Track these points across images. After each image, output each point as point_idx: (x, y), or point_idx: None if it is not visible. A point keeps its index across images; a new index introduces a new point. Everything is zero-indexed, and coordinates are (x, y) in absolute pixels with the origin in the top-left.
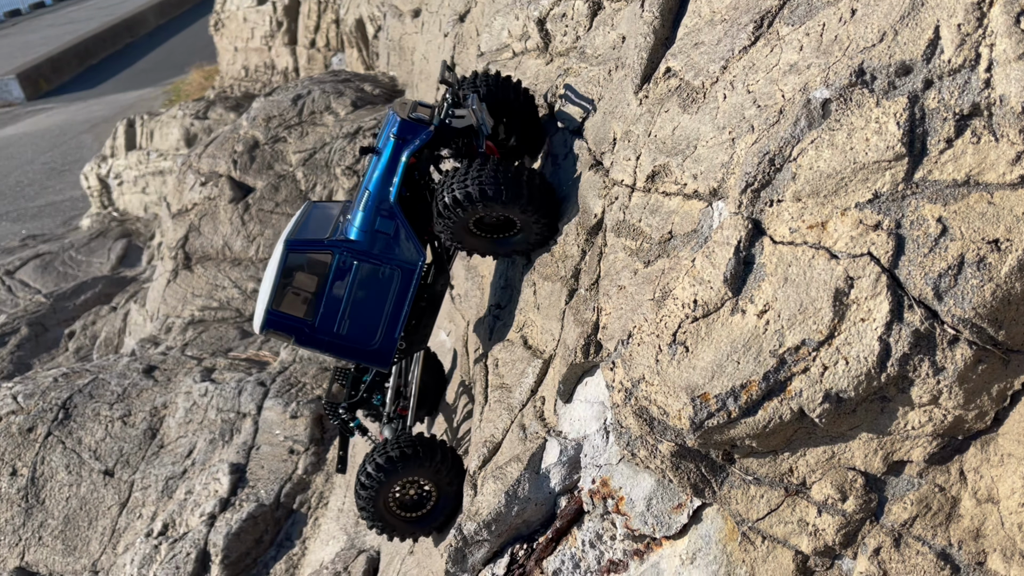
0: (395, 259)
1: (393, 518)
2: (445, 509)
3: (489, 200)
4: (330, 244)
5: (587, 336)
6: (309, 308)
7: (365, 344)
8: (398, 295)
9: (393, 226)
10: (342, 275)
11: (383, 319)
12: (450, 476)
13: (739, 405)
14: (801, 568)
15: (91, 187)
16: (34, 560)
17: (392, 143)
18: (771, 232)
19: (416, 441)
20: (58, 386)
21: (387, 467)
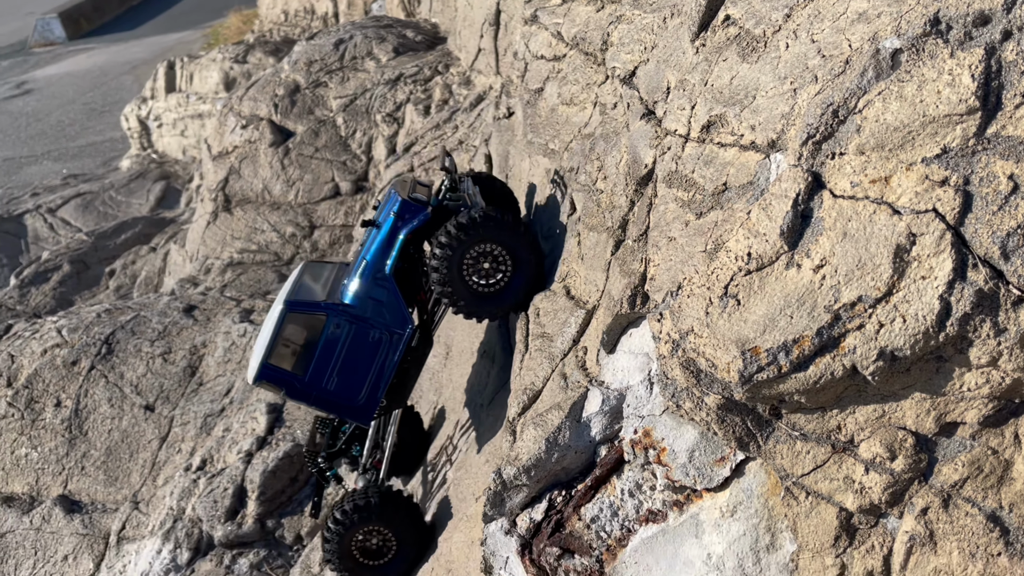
0: (386, 324)
1: (355, 564)
2: (406, 559)
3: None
4: (326, 307)
5: (634, 287)
6: (301, 364)
7: (350, 401)
8: (386, 357)
9: (386, 294)
10: (335, 336)
11: (369, 378)
12: (411, 529)
13: (790, 360)
14: (844, 525)
15: (131, 128)
16: (77, 489)
17: (392, 220)
18: (831, 186)
19: (380, 493)
20: (101, 321)
21: (352, 516)
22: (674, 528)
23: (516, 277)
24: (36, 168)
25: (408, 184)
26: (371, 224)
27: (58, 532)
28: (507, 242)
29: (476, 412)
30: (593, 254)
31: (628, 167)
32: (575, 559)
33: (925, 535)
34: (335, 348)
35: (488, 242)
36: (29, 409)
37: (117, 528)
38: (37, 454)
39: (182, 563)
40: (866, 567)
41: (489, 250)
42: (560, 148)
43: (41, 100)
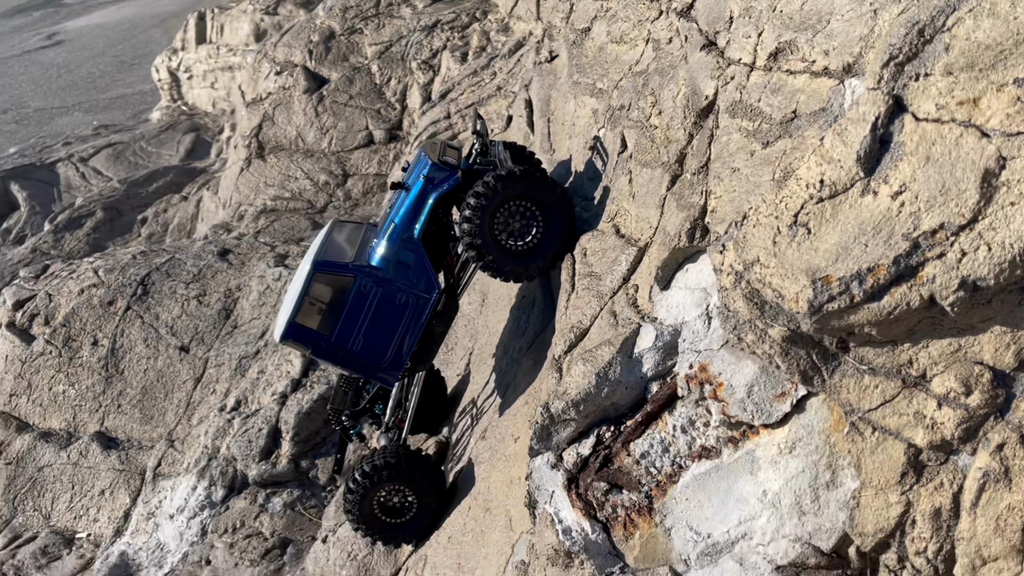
0: (412, 288)
1: (376, 522)
2: (424, 519)
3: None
4: (354, 268)
5: (692, 220)
6: (327, 324)
7: (375, 362)
8: (412, 320)
9: (414, 258)
10: (362, 297)
11: (395, 340)
12: (431, 489)
13: (864, 289)
14: (912, 462)
15: (161, 80)
16: (113, 426)
17: (421, 183)
18: (914, 108)
19: (403, 453)
20: (136, 263)
21: (372, 475)
22: (728, 465)
23: (547, 234)
24: (67, 119)
25: (439, 147)
26: (400, 187)
27: (95, 467)
28: (538, 198)
29: (514, 356)
30: (646, 191)
31: (687, 100)
32: (623, 494)
33: (1000, 472)
34: (362, 309)
35: (519, 199)
36: (67, 347)
37: (153, 465)
38: (74, 391)
39: (217, 500)
40: (933, 504)
41: (520, 207)
42: (609, 87)
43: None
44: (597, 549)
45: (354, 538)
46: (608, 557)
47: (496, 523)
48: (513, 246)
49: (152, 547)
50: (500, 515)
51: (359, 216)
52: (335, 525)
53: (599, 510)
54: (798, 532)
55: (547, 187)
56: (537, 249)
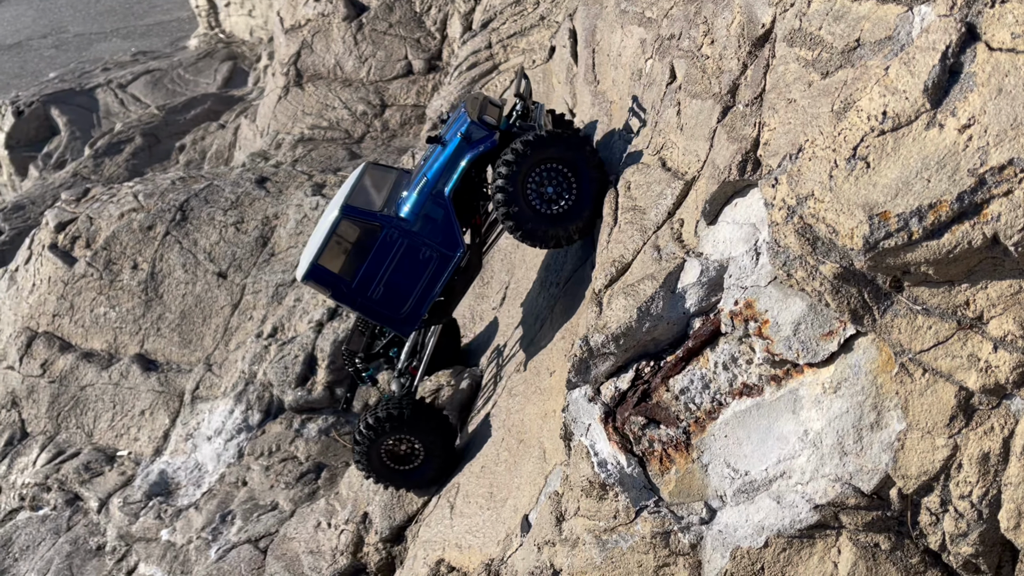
0: (438, 244)
1: (385, 470)
2: (432, 467)
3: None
4: (382, 218)
5: (744, 153)
6: (350, 269)
7: (393, 311)
8: (433, 275)
9: (443, 214)
10: (387, 247)
11: (415, 293)
12: (437, 437)
13: (923, 226)
14: (963, 405)
15: (199, 6)
16: (152, 349)
17: (457, 141)
18: (988, 37)
19: (407, 404)
20: (175, 189)
21: (378, 426)
22: (770, 403)
23: (582, 195)
24: (106, 45)
25: (480, 103)
26: (436, 141)
27: (135, 388)
28: (569, 159)
29: (551, 291)
30: (695, 123)
31: (742, 28)
32: (660, 429)
33: None
34: (385, 259)
35: (550, 162)
36: (107, 270)
37: (191, 388)
38: (115, 313)
39: (253, 424)
40: (982, 448)
41: (552, 170)
42: (659, 15)
43: None
44: (632, 482)
45: None
46: (643, 491)
47: (530, 454)
48: (548, 210)
49: (190, 467)
50: (534, 446)
51: (396, 147)
52: None
53: (635, 444)
54: (839, 472)
55: (578, 147)
56: (573, 211)
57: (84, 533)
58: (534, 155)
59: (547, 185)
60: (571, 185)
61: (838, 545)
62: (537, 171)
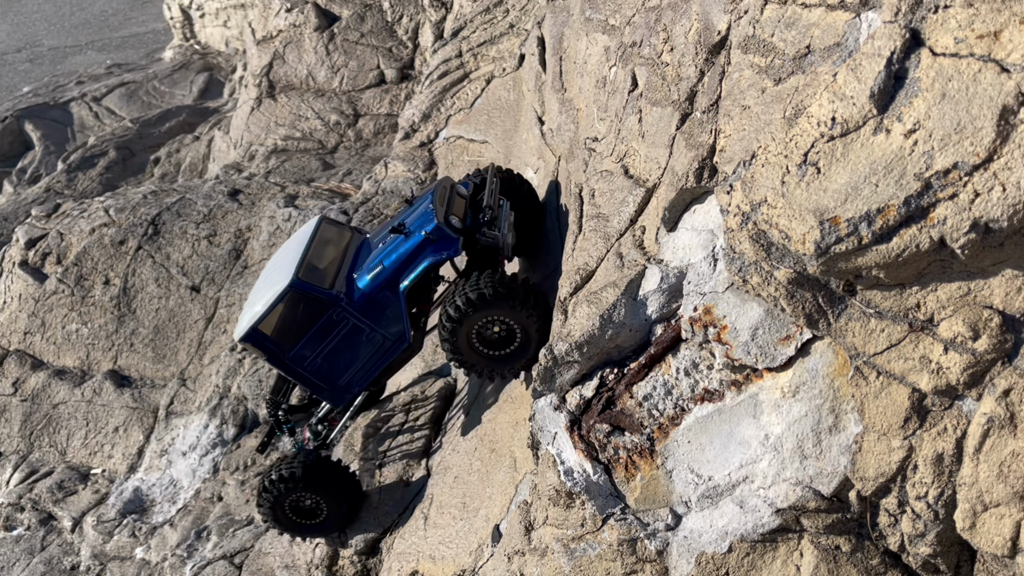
0: (384, 331)
1: (289, 522)
2: (335, 524)
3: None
4: (333, 297)
5: (701, 160)
6: (290, 339)
7: (327, 384)
8: (375, 357)
9: (394, 305)
10: (332, 325)
11: (352, 370)
12: (342, 497)
13: (872, 231)
14: (916, 407)
15: (174, 18)
16: (125, 365)
17: (420, 238)
18: (931, 43)
19: (313, 464)
20: (147, 203)
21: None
22: (731, 408)
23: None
24: (80, 58)
25: (447, 196)
26: (399, 231)
27: (109, 405)
28: (515, 315)
29: None
30: (656, 130)
31: (699, 35)
32: (625, 436)
33: (1005, 417)
34: (328, 335)
35: (495, 315)
36: (79, 286)
37: (166, 403)
38: (87, 330)
39: (228, 438)
40: (936, 449)
41: (496, 321)
42: (621, 23)
43: None
44: (598, 490)
45: (361, 477)
46: (609, 498)
47: (501, 463)
48: (492, 354)
49: (165, 483)
50: (505, 455)
51: (370, 157)
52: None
53: (601, 452)
54: (799, 476)
55: (521, 302)
56: (517, 354)
57: (58, 553)
58: (479, 313)
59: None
60: (515, 337)
61: (800, 548)
62: (483, 323)
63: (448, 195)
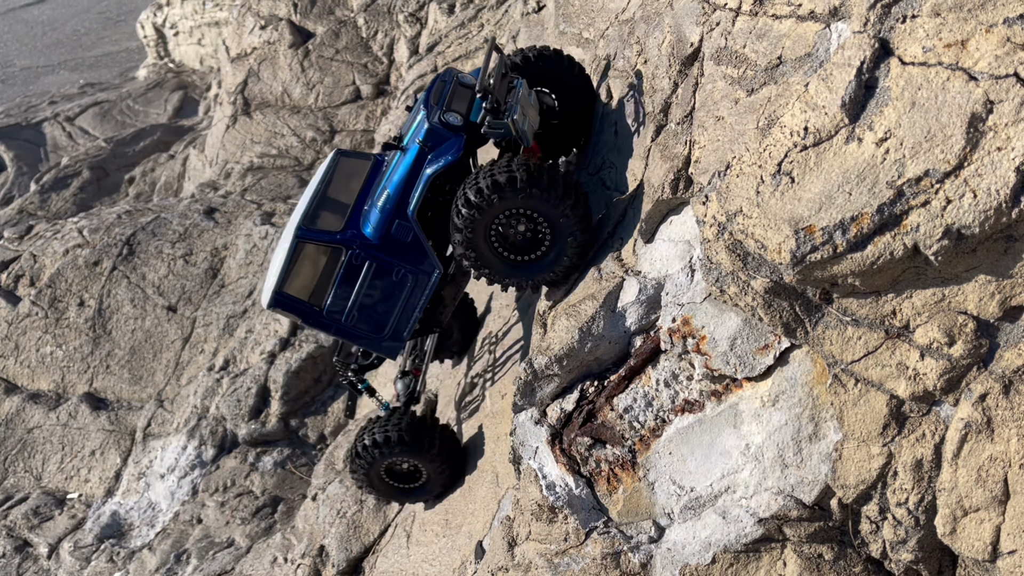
0: (410, 265)
1: (385, 487)
2: (435, 487)
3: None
4: (342, 240)
5: (676, 171)
6: (317, 295)
7: (374, 335)
8: (411, 296)
9: (410, 235)
10: (353, 270)
11: (394, 315)
12: (440, 461)
13: (847, 239)
14: (894, 413)
15: (147, 36)
16: (101, 387)
17: (417, 149)
18: (900, 52)
19: (407, 426)
20: (122, 223)
21: (381, 446)
22: (711, 418)
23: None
24: (53, 77)
25: (446, 91)
26: (395, 147)
27: (85, 428)
28: (549, 215)
29: (503, 313)
30: (631, 142)
31: (672, 47)
32: (606, 449)
33: (982, 422)
34: (354, 282)
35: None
36: (53, 308)
37: (143, 425)
38: (62, 352)
39: (207, 459)
40: (915, 455)
41: (526, 216)
42: (595, 36)
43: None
44: (581, 504)
45: (344, 496)
46: (592, 512)
47: (483, 478)
48: (515, 259)
49: (143, 506)
50: (487, 471)
51: None
52: (324, 483)
53: (583, 465)
54: (780, 485)
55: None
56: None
57: None
58: (501, 204)
59: (518, 227)
60: (546, 237)
61: (783, 557)
62: (506, 215)
63: (447, 90)
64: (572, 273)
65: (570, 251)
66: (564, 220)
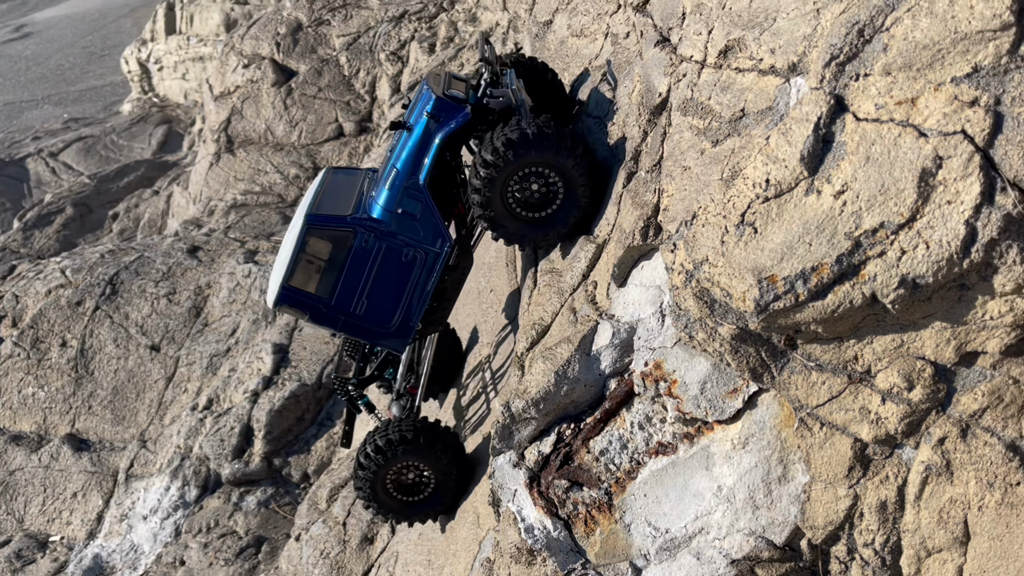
0: (420, 242)
1: (391, 501)
2: (443, 496)
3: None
4: (352, 221)
5: (646, 218)
6: (326, 285)
7: (382, 326)
8: (420, 279)
9: (420, 207)
10: (363, 254)
11: (403, 301)
12: (450, 463)
13: (808, 288)
14: (859, 456)
15: (131, 71)
16: (84, 428)
17: (425, 121)
18: (854, 108)
19: (418, 426)
20: (105, 262)
21: (386, 450)
22: (684, 460)
23: (569, 198)
24: (37, 112)
25: (443, 78)
26: (401, 126)
27: (67, 470)
28: (561, 166)
29: (484, 351)
30: (605, 186)
31: (641, 96)
32: (584, 491)
33: (942, 465)
34: (364, 268)
35: (540, 165)
36: (35, 349)
37: (125, 466)
38: (44, 393)
39: (190, 500)
40: (879, 497)
41: (540, 173)
42: (569, 81)
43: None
44: (559, 546)
45: (327, 536)
46: (570, 554)
47: (465, 520)
48: (531, 216)
49: (126, 549)
50: (469, 512)
51: None
52: (308, 523)
53: (560, 507)
54: (752, 526)
55: (567, 147)
56: (559, 214)
57: None
58: (517, 160)
59: (532, 186)
60: (559, 191)
61: None
62: (521, 175)
63: (444, 78)
64: (582, 224)
65: (582, 200)
66: (576, 169)
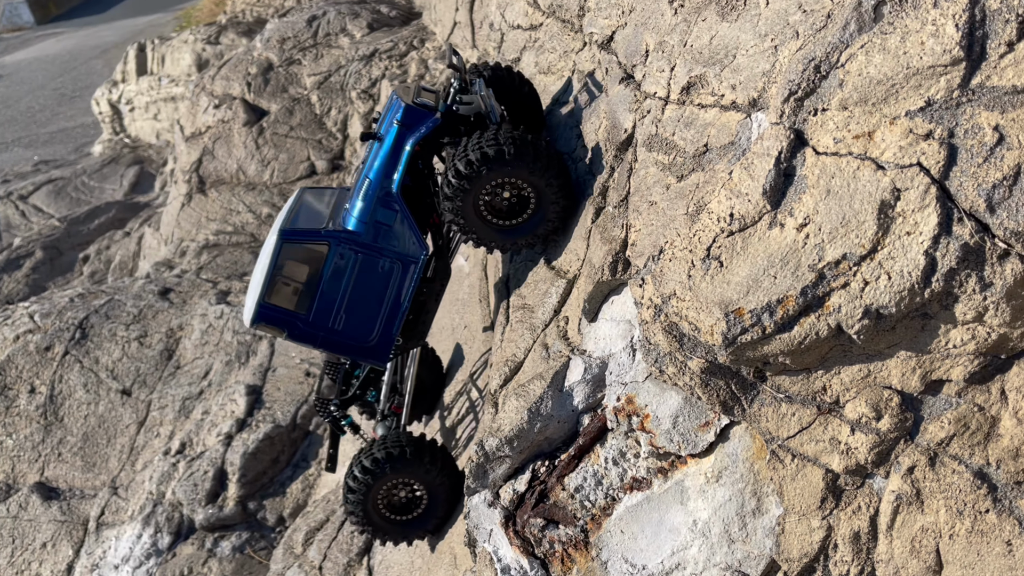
0: (396, 252)
1: (383, 521)
2: (437, 512)
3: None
4: (327, 234)
5: (615, 253)
6: (303, 301)
7: (361, 340)
8: (398, 290)
9: (395, 217)
10: (339, 268)
11: (381, 315)
12: (441, 477)
13: (774, 320)
14: (831, 487)
15: (102, 113)
16: (54, 476)
17: (395, 130)
18: (814, 143)
19: (405, 441)
20: (74, 306)
21: (374, 469)
22: (659, 495)
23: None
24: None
25: (412, 89)
26: (372, 137)
27: (36, 519)
28: (535, 184)
29: (459, 387)
30: (573, 223)
31: (607, 133)
32: (559, 529)
33: (912, 494)
34: (341, 281)
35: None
36: (3, 396)
37: (96, 514)
38: (12, 441)
39: (163, 547)
40: (852, 528)
41: (513, 183)
42: None
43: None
44: None
45: None
46: None
47: (442, 561)
48: (502, 224)
49: None
50: (445, 552)
51: None
52: (283, 568)
53: (537, 546)
54: (728, 560)
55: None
56: (528, 224)
57: None
58: (490, 175)
59: (504, 194)
60: (529, 203)
61: None
62: (493, 185)
63: (414, 89)
64: (552, 236)
65: (552, 216)
66: (548, 188)
